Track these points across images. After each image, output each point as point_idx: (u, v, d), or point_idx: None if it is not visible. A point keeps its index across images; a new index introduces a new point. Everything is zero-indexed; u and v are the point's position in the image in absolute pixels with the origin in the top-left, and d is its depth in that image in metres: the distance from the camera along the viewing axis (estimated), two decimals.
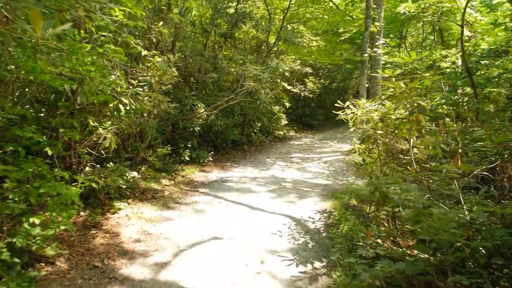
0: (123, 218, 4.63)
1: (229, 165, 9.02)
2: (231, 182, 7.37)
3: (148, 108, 5.13)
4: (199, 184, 7.04)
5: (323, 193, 6.76)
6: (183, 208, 5.46)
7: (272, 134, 13.81)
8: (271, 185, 7.22)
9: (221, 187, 6.91)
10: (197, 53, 9.26)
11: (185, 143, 8.32)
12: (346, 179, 8.27)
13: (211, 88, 9.33)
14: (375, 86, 11.07)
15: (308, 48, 13.32)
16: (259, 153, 10.94)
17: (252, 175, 8.11)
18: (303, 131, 16.50)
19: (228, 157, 9.95)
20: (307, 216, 5.28)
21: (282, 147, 12.20)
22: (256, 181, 7.53)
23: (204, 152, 8.83)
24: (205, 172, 8.11)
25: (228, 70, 9.27)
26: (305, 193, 6.74)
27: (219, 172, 8.24)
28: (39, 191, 2.88)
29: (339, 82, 18.14)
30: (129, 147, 6.56)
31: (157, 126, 7.12)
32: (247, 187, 6.97)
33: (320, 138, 14.82)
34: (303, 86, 14.99)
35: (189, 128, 8.22)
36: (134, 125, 5.95)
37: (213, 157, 9.18)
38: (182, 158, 8.19)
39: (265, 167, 9.01)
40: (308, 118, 17.20)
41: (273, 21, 11.69)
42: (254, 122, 11.76)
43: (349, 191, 6.82)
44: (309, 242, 4.25)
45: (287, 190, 6.86)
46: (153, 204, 5.42)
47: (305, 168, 9.14)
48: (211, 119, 8.32)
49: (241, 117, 10.51)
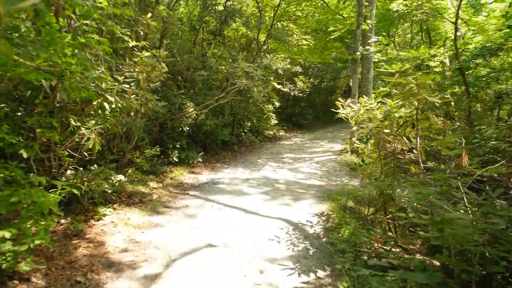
0: (109, 225, 4.27)
1: (219, 166, 8.71)
2: (222, 184, 7.06)
3: (135, 107, 4.78)
4: (189, 187, 6.71)
5: (318, 195, 6.53)
6: (173, 213, 5.13)
7: (262, 134, 13.55)
8: (264, 187, 6.95)
9: (212, 189, 6.60)
10: (186, 50, 8.92)
11: (174, 144, 7.98)
12: (340, 180, 8.07)
13: (200, 87, 9.01)
14: (366, 85, 10.90)
15: (298, 47, 13.09)
16: (249, 154, 10.65)
17: (243, 176, 7.82)
18: (293, 130, 16.30)
19: (218, 157, 9.64)
20: (305, 219, 5.02)
21: (272, 147, 11.95)
22: (248, 183, 7.25)
23: (193, 152, 8.50)
24: (195, 173, 7.78)
25: (218, 68, 8.96)
26: (299, 194, 6.49)
27: (209, 173, 7.92)
28: (10, 199, 2.52)
29: (329, 82, 18.00)
30: (114, 148, 6.19)
31: (144, 126, 6.77)
32: (239, 189, 6.68)
33: (311, 137, 14.63)
34: (293, 85, 14.79)
35: (178, 128, 7.88)
36: (120, 124, 5.59)
37: (203, 158, 8.85)
38: (170, 159, 7.85)
39: (257, 168, 8.73)
40: (298, 117, 17.01)
41: (263, 18, 11.41)
42: (244, 121, 11.47)
43: (345, 192, 6.61)
44: (309, 249, 3.98)
45: (281, 192, 6.60)
46: (141, 209, 5.08)
47: (297, 169, 8.91)
48: (200, 118, 8.00)
49: (231, 116, 10.22)
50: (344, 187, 7.22)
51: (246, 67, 6.21)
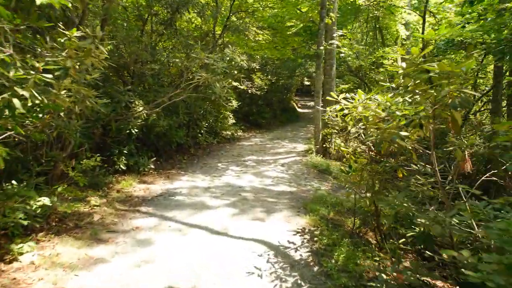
0: (27, 268, 3.10)
1: (175, 173, 7.63)
2: (180, 195, 6.03)
3: (66, 105, 3.64)
4: (140, 201, 5.60)
5: (292, 204, 5.76)
6: (120, 239, 4.04)
7: (219, 134, 12.56)
8: (229, 197, 6.04)
9: (169, 203, 5.55)
10: (133, 40, 7.69)
11: (120, 149, 6.76)
12: (310, 184, 7.39)
13: (151, 83, 7.82)
14: (330, 81, 10.38)
15: (256, 42, 12.27)
16: (208, 157, 9.65)
17: (204, 184, 6.84)
18: (251, 130, 15.49)
19: (173, 162, 8.53)
20: (285, 239, 4.20)
21: (232, 149, 11.04)
22: (210, 192, 6.29)
23: (144, 158, 7.33)
24: (147, 183, 6.65)
25: (171, 61, 7.83)
26: (271, 205, 5.67)
27: (164, 182, 6.83)
28: None
29: (287, 79, 17.39)
30: (43, 157, 4.94)
31: (82, 129, 5.54)
32: (201, 201, 5.70)
33: (270, 137, 13.92)
34: (251, 82, 13.97)
35: (125, 130, 6.67)
36: (47, 128, 4.38)
37: (156, 164, 7.71)
38: (117, 167, 6.63)
39: (218, 174, 7.78)
40: (255, 116, 16.22)
41: (220, 8, 10.43)
42: (200, 121, 10.41)
43: (321, 200, 5.91)
44: (301, 284, 3.15)
45: (250, 203, 5.73)
46: (77, 237, 3.92)
47: (263, 173, 8.10)
48: (152, 118, 6.87)
49: (186, 116, 9.12)
50: (316, 192, 6.54)
51: (206, 59, 5.22)
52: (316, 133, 10.27)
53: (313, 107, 30.80)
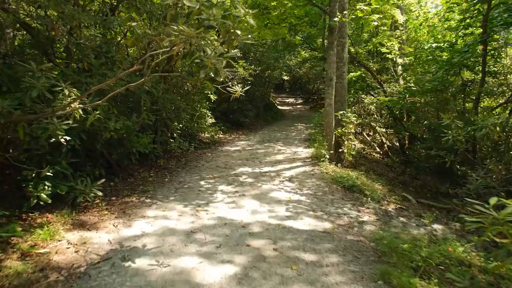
0: None
1: (137, 202, 4.89)
2: (143, 255, 3.34)
3: None
4: (64, 279, 2.86)
5: (350, 268, 3.22)
6: None
7: (196, 138, 9.82)
8: (232, 253, 3.44)
9: (121, 280, 2.85)
10: None
11: (40, 170, 3.93)
12: (344, 212, 4.93)
13: (93, 62, 4.97)
14: (341, 66, 7.96)
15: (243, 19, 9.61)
16: (184, 171, 6.92)
17: (183, 224, 4.17)
18: (233, 131, 12.83)
19: (134, 183, 5.75)
20: None
21: (215, 158, 8.33)
22: (197, 243, 3.65)
23: (85, 181, 4.47)
24: (86, 227, 3.89)
25: (127, 28, 5.04)
26: (311, 268, 3.11)
27: (116, 223, 4.09)
28: None
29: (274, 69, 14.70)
30: None
31: None
32: (182, 272, 3.05)
33: (258, 140, 11.30)
34: (232, 72, 11.31)
35: (47, 137, 3.85)
36: None
37: (106, 189, 4.94)
38: (32, 202, 3.81)
39: (203, 200, 5.12)
40: (236, 114, 13.54)
41: None
42: (172, 121, 7.61)
43: (392, 247, 3.44)
44: None
45: (274, 270, 3.14)
46: None
47: (268, 195, 5.51)
48: (94, 117, 4.04)
49: (152, 114, 6.29)
50: (375, 234, 4.06)
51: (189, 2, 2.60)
52: (328, 134, 7.81)
53: (293, 104, 28.23)
